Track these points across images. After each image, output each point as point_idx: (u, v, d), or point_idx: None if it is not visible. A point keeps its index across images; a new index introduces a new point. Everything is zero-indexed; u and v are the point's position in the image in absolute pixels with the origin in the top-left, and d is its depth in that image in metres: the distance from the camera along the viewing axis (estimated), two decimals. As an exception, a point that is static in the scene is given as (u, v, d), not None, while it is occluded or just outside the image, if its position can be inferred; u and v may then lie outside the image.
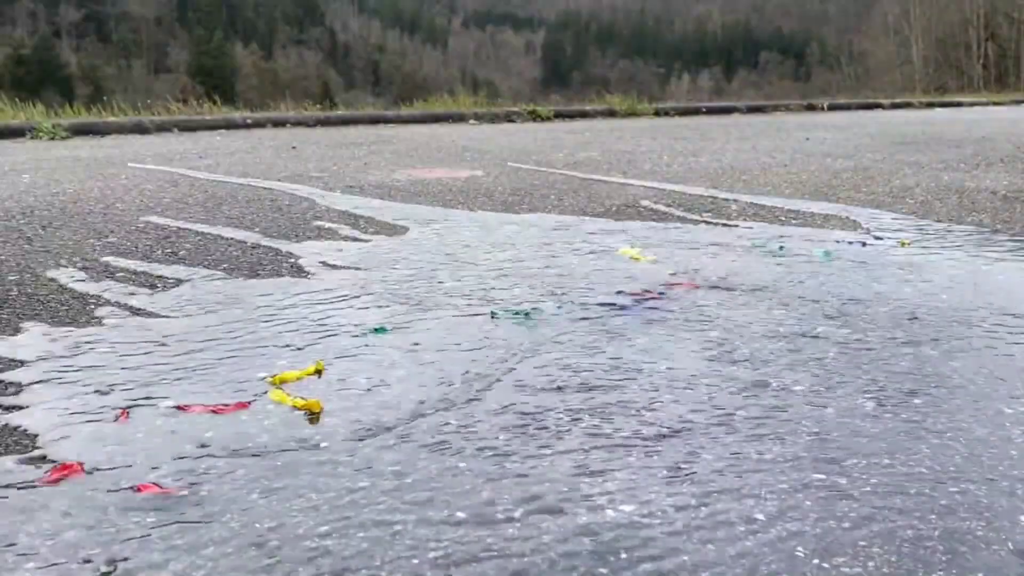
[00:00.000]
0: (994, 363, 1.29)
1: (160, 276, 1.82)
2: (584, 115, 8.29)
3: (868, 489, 0.90)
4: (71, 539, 0.79)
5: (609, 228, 2.35)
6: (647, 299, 1.63)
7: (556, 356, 1.31)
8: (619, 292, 1.67)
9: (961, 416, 1.09)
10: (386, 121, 7.31)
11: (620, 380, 1.20)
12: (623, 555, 0.77)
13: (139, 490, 0.88)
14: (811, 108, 9.95)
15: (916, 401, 1.15)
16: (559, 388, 1.17)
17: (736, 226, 2.51)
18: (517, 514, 0.84)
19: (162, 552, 0.77)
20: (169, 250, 2.10)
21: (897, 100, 11.18)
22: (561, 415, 1.08)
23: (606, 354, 1.31)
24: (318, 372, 1.23)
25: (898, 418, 1.09)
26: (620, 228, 2.36)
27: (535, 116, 7.75)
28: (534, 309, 1.55)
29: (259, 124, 6.70)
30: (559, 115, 7.92)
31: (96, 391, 1.16)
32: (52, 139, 5.72)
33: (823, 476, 0.93)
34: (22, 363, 1.27)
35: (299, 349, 1.33)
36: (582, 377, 1.21)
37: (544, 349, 1.33)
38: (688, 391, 1.17)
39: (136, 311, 1.56)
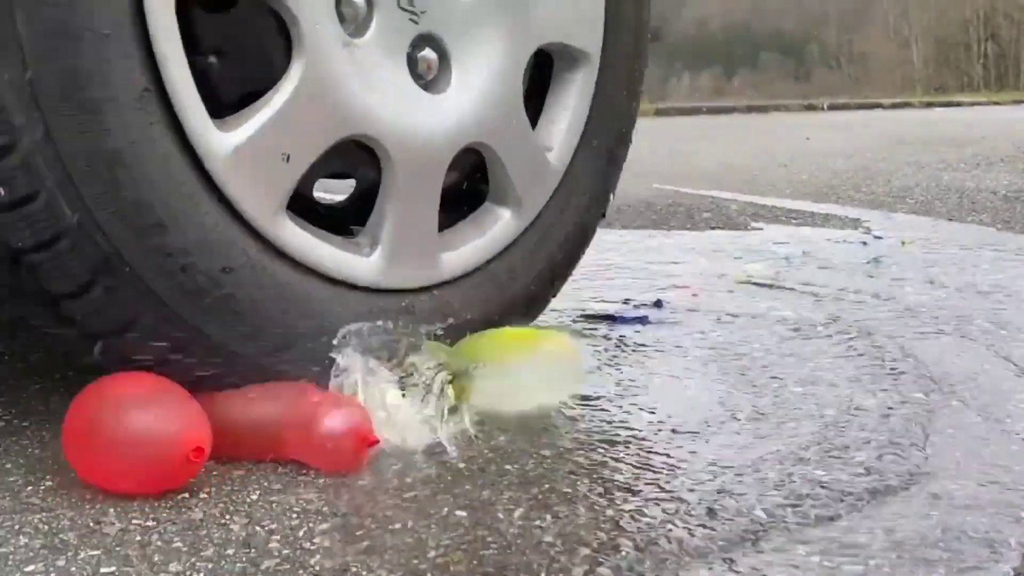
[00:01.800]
0: (993, 361, 1.30)
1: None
2: (584, 115, 8.30)
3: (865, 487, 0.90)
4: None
5: (604, 231, 2.35)
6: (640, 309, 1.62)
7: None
8: (626, 301, 1.66)
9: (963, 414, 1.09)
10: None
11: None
12: (624, 555, 0.77)
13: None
14: (811, 108, 9.96)
15: (918, 395, 1.15)
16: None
17: (736, 227, 2.51)
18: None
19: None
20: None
21: (897, 100, 11.20)
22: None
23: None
24: None
25: (898, 415, 1.09)
26: (613, 232, 2.36)
27: (535, 116, 7.77)
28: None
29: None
30: (559, 115, 7.93)
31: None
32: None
33: (823, 472, 0.93)
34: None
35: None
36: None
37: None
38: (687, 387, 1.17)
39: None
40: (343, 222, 1.17)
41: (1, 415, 1.08)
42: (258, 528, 0.81)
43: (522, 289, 1.23)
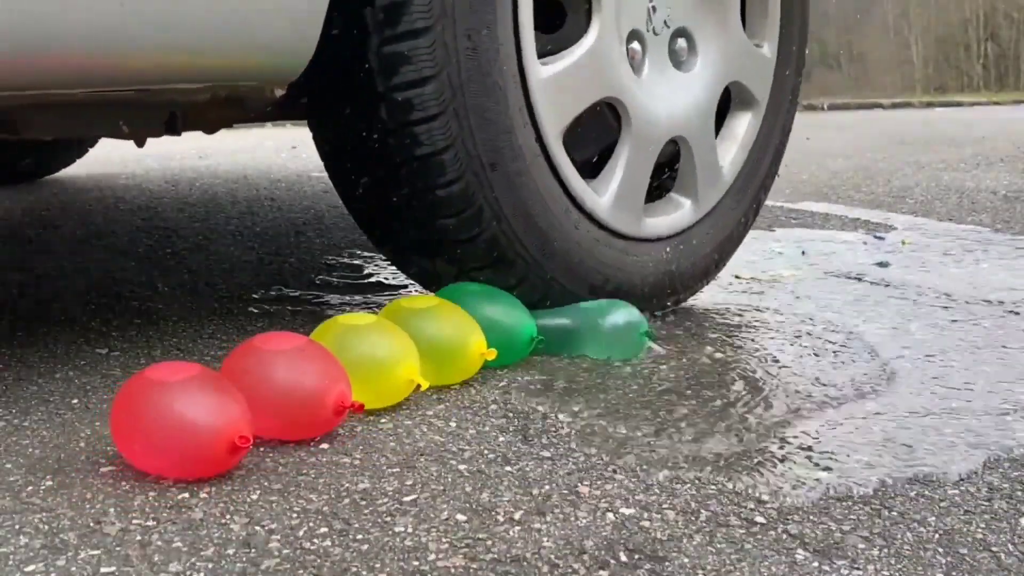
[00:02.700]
0: (991, 355, 1.30)
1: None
2: (584, 115, 8.30)
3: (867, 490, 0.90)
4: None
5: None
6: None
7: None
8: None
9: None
10: (386, 121, 7.28)
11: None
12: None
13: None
14: (811, 108, 9.95)
15: (919, 398, 1.15)
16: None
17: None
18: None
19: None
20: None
21: (897, 100, 11.18)
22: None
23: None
24: None
25: (897, 413, 1.09)
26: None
27: (535, 116, 7.76)
28: None
29: (259, 123, 6.68)
30: (559, 115, 7.93)
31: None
32: (52, 139, 5.72)
33: (827, 473, 0.93)
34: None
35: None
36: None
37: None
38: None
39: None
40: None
41: (1, 415, 1.08)
42: (258, 528, 0.81)
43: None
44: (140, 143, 1.58)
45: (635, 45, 1.42)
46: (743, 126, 1.62)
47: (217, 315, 1.53)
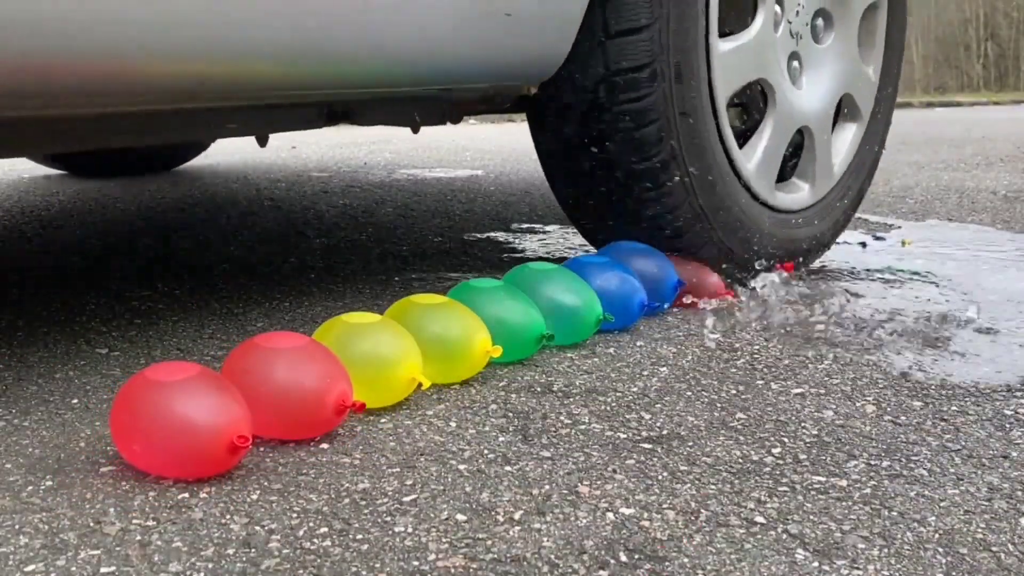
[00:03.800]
0: (992, 351, 1.30)
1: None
2: (584, 115, 8.28)
3: (869, 490, 0.90)
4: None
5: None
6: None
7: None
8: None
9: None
10: (386, 121, 7.26)
11: (620, 380, 1.20)
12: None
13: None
14: (811, 108, 9.96)
15: (917, 404, 1.15)
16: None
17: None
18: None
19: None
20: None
21: (897, 100, 11.17)
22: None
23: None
24: None
25: (897, 421, 1.09)
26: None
27: (535, 116, 7.74)
28: None
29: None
30: (559, 115, 7.91)
31: None
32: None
33: (829, 481, 0.93)
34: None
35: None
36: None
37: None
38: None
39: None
40: None
41: (1, 415, 1.08)
42: (258, 528, 0.81)
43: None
44: (416, 131, 1.80)
45: (778, 9, 1.70)
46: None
47: (217, 315, 1.53)
